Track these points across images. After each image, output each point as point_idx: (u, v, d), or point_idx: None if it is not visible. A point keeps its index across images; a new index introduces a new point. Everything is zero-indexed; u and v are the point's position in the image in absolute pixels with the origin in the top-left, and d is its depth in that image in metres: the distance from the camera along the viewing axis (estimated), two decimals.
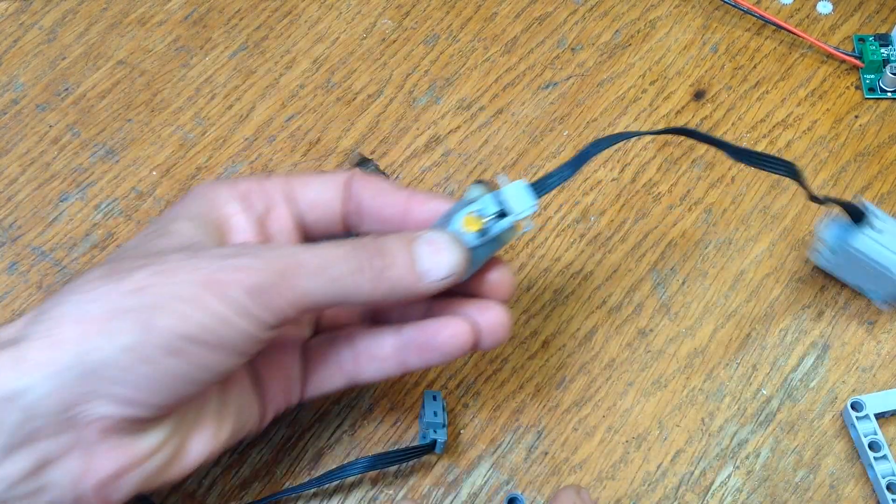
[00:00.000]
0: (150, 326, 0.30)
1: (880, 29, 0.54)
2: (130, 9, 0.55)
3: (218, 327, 0.30)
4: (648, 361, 0.45)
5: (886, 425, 0.43)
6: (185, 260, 0.31)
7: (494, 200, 0.34)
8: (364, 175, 0.37)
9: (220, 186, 0.36)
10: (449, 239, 0.34)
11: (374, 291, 0.32)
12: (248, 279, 0.30)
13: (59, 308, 0.31)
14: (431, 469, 0.42)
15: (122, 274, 0.31)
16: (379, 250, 0.33)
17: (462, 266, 0.34)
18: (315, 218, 0.37)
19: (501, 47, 0.54)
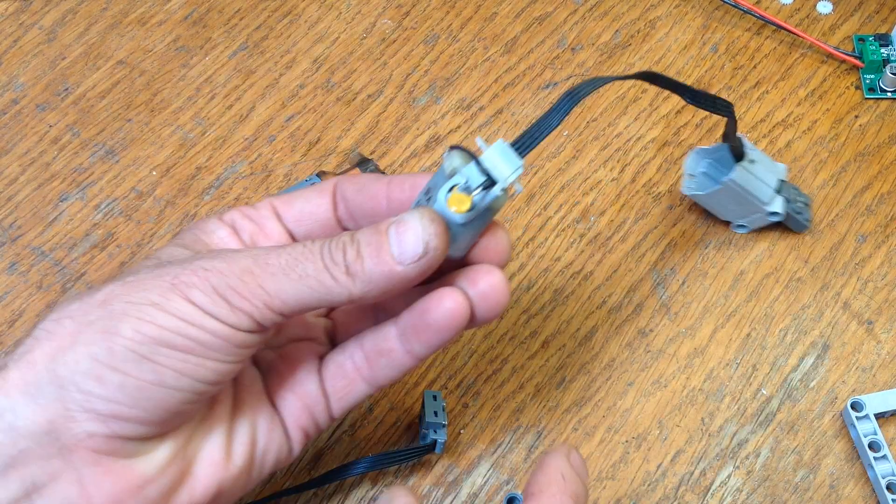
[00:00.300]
0: (115, 334, 0.29)
1: (880, 29, 0.54)
2: (130, 9, 0.55)
3: (185, 328, 0.29)
4: (648, 361, 0.45)
5: (886, 425, 0.43)
6: (152, 270, 0.31)
7: (478, 170, 0.31)
8: (348, 175, 0.36)
9: (207, 219, 0.35)
10: (419, 214, 0.31)
11: (350, 286, 0.31)
12: (212, 279, 0.30)
13: (36, 329, 0.30)
14: (431, 469, 0.42)
15: (93, 291, 0.31)
16: (348, 243, 0.31)
17: (439, 238, 0.31)
18: (307, 230, 0.36)
19: (501, 47, 0.54)
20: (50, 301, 0.46)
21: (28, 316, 0.45)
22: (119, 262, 0.47)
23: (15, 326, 0.45)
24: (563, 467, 0.31)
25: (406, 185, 0.34)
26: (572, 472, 0.31)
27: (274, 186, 0.49)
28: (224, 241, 0.34)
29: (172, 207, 0.49)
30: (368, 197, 0.35)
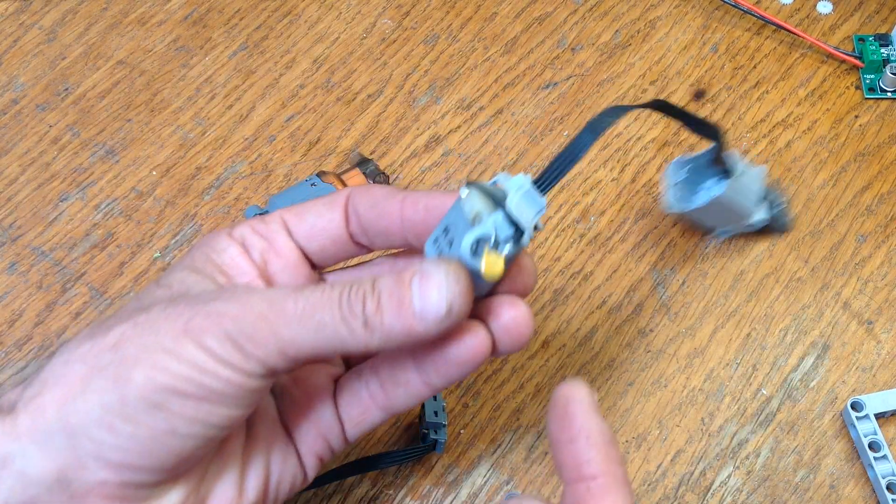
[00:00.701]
0: (127, 381, 0.28)
1: (880, 29, 0.54)
2: (130, 9, 0.55)
3: (198, 377, 0.28)
4: (648, 361, 0.45)
5: (886, 425, 0.43)
6: (165, 309, 0.30)
7: (506, 221, 0.29)
8: (360, 188, 0.34)
9: (217, 235, 0.34)
10: (444, 270, 0.29)
11: (367, 339, 0.29)
12: (226, 325, 0.29)
13: (45, 371, 0.30)
14: (431, 469, 0.42)
15: (103, 330, 0.30)
16: (368, 293, 0.29)
17: (463, 298, 0.29)
18: (319, 246, 0.34)
19: (501, 47, 0.54)
20: (50, 301, 0.46)
21: (28, 316, 0.45)
22: (119, 262, 0.47)
23: (15, 326, 0.45)
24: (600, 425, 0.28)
25: (420, 206, 0.32)
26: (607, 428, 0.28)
27: (274, 186, 0.49)
28: (235, 260, 0.33)
29: (172, 207, 0.49)
30: (382, 214, 0.33)
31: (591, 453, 0.27)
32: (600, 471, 0.27)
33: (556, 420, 0.28)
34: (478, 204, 0.29)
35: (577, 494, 0.27)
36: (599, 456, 0.27)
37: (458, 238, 0.30)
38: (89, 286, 0.46)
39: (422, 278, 0.29)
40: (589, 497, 0.27)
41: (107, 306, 0.46)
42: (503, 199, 0.29)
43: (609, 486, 0.27)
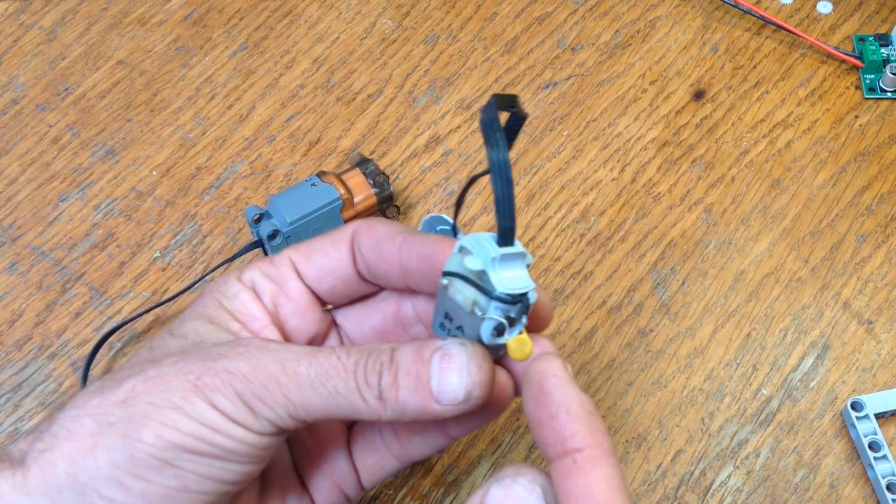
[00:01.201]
0: (136, 439, 0.28)
1: (880, 29, 0.54)
2: (130, 9, 0.55)
3: (208, 434, 0.28)
4: (648, 361, 0.45)
5: (886, 425, 0.43)
6: (175, 364, 0.29)
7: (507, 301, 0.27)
8: (365, 224, 0.33)
9: (227, 280, 0.34)
10: (467, 355, 0.28)
11: (380, 411, 0.29)
12: (236, 384, 0.28)
13: (56, 425, 0.29)
14: (431, 469, 0.42)
15: (114, 385, 0.29)
16: (385, 365, 0.29)
17: (483, 388, 0.28)
18: (329, 286, 0.34)
19: (501, 47, 0.54)
20: (50, 301, 0.46)
21: (28, 316, 0.45)
22: (119, 262, 0.47)
23: (15, 326, 0.45)
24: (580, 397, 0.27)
25: (413, 253, 0.31)
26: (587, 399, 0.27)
27: (274, 187, 0.49)
28: (247, 306, 0.33)
29: (172, 207, 0.49)
30: (381, 257, 0.32)
31: (575, 427, 0.26)
32: (585, 443, 0.26)
33: (534, 398, 0.27)
34: (468, 293, 0.28)
35: (564, 468, 0.26)
36: (583, 428, 0.26)
37: (469, 327, 0.29)
38: (89, 286, 0.46)
39: (443, 358, 0.28)
40: (576, 469, 0.26)
41: (107, 306, 0.46)
42: (488, 281, 0.27)
43: (596, 458, 0.26)
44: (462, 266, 0.28)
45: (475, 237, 0.28)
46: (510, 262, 0.27)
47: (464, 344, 0.29)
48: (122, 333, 0.45)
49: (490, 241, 0.27)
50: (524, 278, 0.28)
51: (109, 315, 0.45)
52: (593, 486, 0.26)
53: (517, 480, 0.27)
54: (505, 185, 0.27)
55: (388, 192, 0.47)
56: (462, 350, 0.28)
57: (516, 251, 0.27)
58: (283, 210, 0.44)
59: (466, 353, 0.28)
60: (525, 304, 0.28)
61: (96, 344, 0.44)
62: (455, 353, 0.28)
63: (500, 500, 0.26)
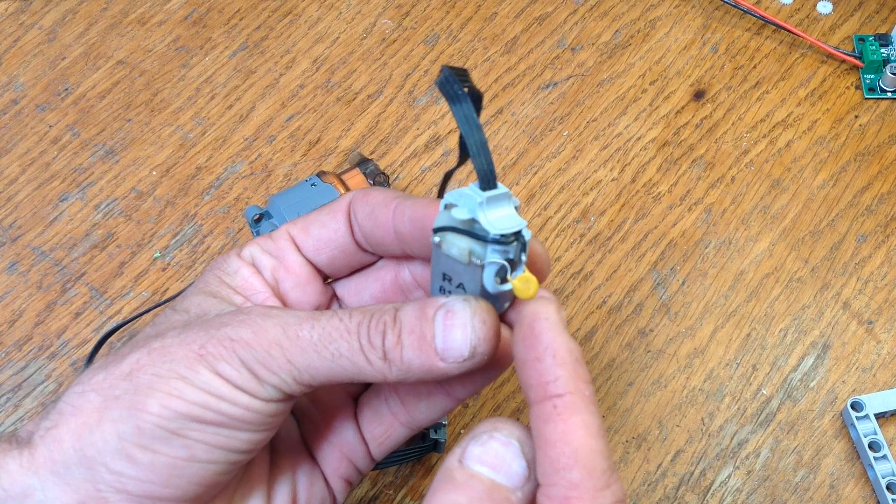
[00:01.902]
0: (142, 410, 0.28)
1: (880, 29, 0.54)
2: (130, 9, 0.55)
3: (214, 403, 0.28)
4: (648, 361, 0.45)
5: (886, 425, 0.43)
6: (179, 335, 0.29)
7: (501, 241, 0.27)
8: (360, 194, 0.33)
9: (227, 257, 0.34)
10: (471, 310, 0.28)
11: (385, 371, 0.28)
12: (240, 351, 0.28)
13: (61, 402, 0.29)
14: (431, 469, 0.42)
15: (118, 359, 0.29)
16: (389, 325, 0.28)
17: (488, 343, 0.28)
18: (328, 258, 0.33)
19: (501, 47, 0.54)
20: (50, 301, 0.46)
21: (28, 316, 0.45)
22: (119, 262, 0.47)
23: (15, 326, 0.45)
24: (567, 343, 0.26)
25: (405, 217, 0.31)
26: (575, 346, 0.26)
27: (274, 186, 0.49)
28: (248, 280, 0.33)
29: (172, 207, 0.49)
30: (377, 224, 0.32)
31: (558, 371, 0.26)
32: (567, 389, 0.26)
33: (522, 339, 0.27)
34: (461, 244, 0.27)
35: (544, 413, 0.26)
36: (567, 374, 0.26)
37: (470, 281, 0.28)
38: (89, 286, 0.46)
39: (447, 315, 0.28)
40: (556, 415, 0.26)
41: (107, 306, 0.46)
42: (479, 226, 0.27)
43: (576, 405, 0.26)
44: (451, 219, 0.27)
45: (458, 191, 0.27)
46: (497, 203, 0.27)
47: (467, 300, 0.28)
48: (122, 333, 0.45)
49: (474, 189, 0.27)
50: (514, 217, 0.27)
51: (109, 315, 0.45)
52: (571, 433, 0.25)
53: (493, 435, 0.27)
54: (474, 130, 0.26)
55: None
56: (465, 305, 0.28)
57: (501, 192, 0.27)
58: (283, 210, 0.44)
59: (470, 308, 0.28)
60: (522, 242, 0.27)
61: (96, 344, 0.44)
62: (458, 308, 0.28)
63: (478, 456, 0.26)
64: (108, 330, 0.44)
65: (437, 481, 0.26)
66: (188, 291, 0.33)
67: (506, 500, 0.26)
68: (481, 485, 0.26)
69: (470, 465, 0.26)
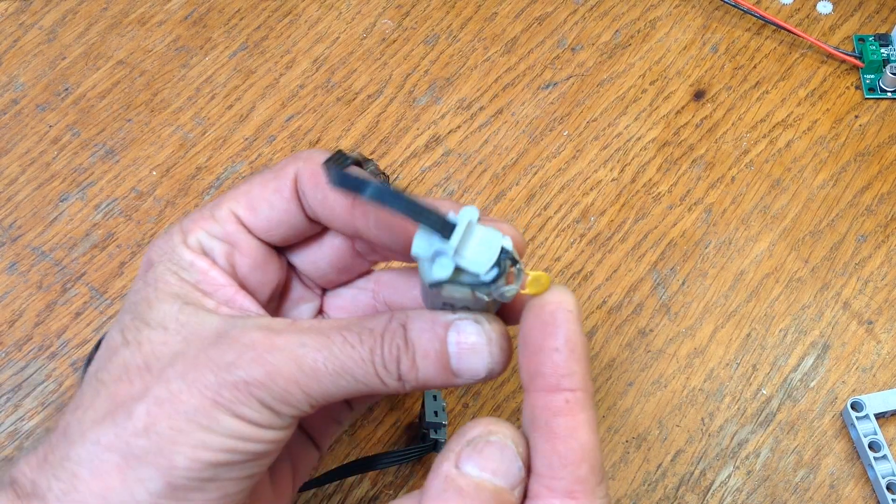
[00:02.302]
0: (171, 467, 0.28)
1: (880, 29, 0.54)
2: (130, 9, 0.55)
3: (240, 446, 0.28)
4: (648, 361, 0.45)
5: (886, 425, 0.43)
6: (184, 377, 0.28)
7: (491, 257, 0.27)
8: (308, 170, 0.31)
9: (173, 246, 0.31)
10: (487, 337, 0.28)
11: (398, 390, 0.29)
12: (257, 393, 0.28)
13: (72, 461, 0.28)
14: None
15: (124, 410, 0.28)
16: (402, 350, 0.28)
17: (502, 365, 0.29)
18: (282, 237, 0.33)
19: (501, 47, 0.54)
20: (50, 301, 0.46)
21: (28, 316, 0.45)
22: (119, 262, 0.47)
23: (15, 326, 0.45)
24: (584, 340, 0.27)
25: (370, 222, 0.30)
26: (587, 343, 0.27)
27: None
28: (207, 275, 0.31)
29: (172, 207, 0.49)
30: (333, 216, 0.31)
31: (575, 367, 0.26)
32: (579, 385, 0.26)
33: (541, 325, 0.27)
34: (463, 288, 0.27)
35: (553, 406, 0.26)
36: (582, 371, 0.27)
37: (477, 306, 0.28)
38: (89, 286, 0.46)
39: (460, 337, 0.28)
40: (567, 410, 0.26)
41: (107, 306, 0.46)
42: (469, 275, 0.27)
43: (586, 402, 0.27)
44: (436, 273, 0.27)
45: (419, 242, 0.27)
46: (467, 238, 0.26)
47: (479, 322, 0.28)
48: None
49: (439, 241, 0.26)
50: (489, 239, 0.26)
51: (109, 315, 0.45)
52: (580, 429, 0.26)
53: (490, 440, 0.27)
54: (398, 200, 0.26)
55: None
56: (479, 330, 0.28)
57: (461, 228, 0.26)
58: None
59: (486, 335, 0.28)
60: (510, 256, 0.26)
61: (96, 344, 0.44)
62: (472, 331, 0.28)
63: (479, 463, 0.26)
64: (108, 330, 0.44)
65: (437, 490, 0.26)
66: (149, 294, 0.31)
67: (507, 501, 0.26)
68: (487, 492, 0.26)
69: (472, 473, 0.26)
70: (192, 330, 0.30)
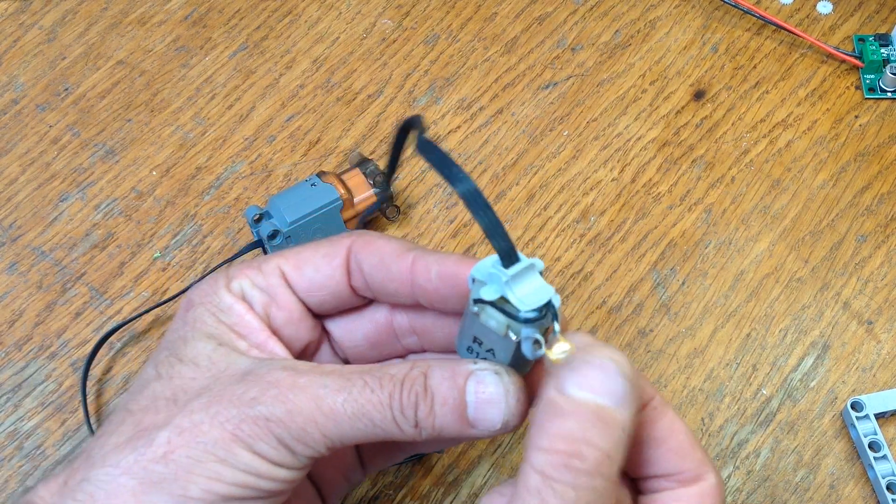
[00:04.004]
0: (185, 496, 0.28)
1: (880, 29, 0.54)
2: (130, 9, 0.55)
3: (254, 482, 0.29)
4: (648, 361, 0.45)
5: (886, 425, 0.43)
6: (207, 409, 0.29)
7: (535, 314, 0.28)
8: (363, 240, 0.33)
9: (216, 290, 0.33)
10: (504, 388, 0.29)
11: (415, 436, 0.29)
12: (275, 430, 0.29)
13: (90, 483, 0.29)
14: (431, 469, 0.42)
15: (146, 437, 0.29)
16: (420, 396, 0.29)
17: (519, 417, 0.29)
18: (319, 300, 0.33)
19: (501, 47, 0.54)
20: (50, 301, 0.46)
21: (28, 316, 0.45)
22: (119, 261, 0.47)
23: (15, 326, 0.45)
24: None
25: (432, 274, 0.31)
26: None
27: (274, 186, 0.49)
28: (244, 318, 0.32)
29: (172, 207, 0.49)
30: (390, 277, 0.32)
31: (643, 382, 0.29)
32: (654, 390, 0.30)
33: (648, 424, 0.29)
34: (500, 318, 0.28)
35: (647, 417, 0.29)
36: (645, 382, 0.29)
37: (501, 350, 0.29)
38: (89, 286, 0.46)
39: (479, 387, 0.29)
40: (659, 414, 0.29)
41: (107, 306, 0.46)
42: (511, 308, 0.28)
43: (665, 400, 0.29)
44: (487, 293, 0.28)
45: (483, 265, 0.28)
46: (523, 277, 0.28)
47: (499, 373, 0.29)
48: (122, 333, 0.45)
49: (497, 266, 0.27)
50: (542, 288, 0.28)
51: (109, 315, 0.45)
52: (677, 421, 0.29)
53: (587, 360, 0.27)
54: (485, 211, 0.27)
55: (388, 192, 0.46)
56: (498, 380, 0.29)
57: (524, 265, 0.27)
58: (283, 210, 0.44)
59: (504, 386, 0.29)
60: (553, 311, 0.28)
61: (96, 344, 0.44)
62: (490, 381, 0.29)
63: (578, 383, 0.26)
64: (108, 330, 0.44)
65: (540, 414, 0.26)
66: (186, 333, 0.32)
67: (612, 419, 0.26)
68: (588, 409, 0.26)
69: (572, 393, 0.26)
70: (221, 368, 0.31)
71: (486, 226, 0.27)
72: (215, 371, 0.31)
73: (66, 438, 0.42)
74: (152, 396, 0.30)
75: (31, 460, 0.42)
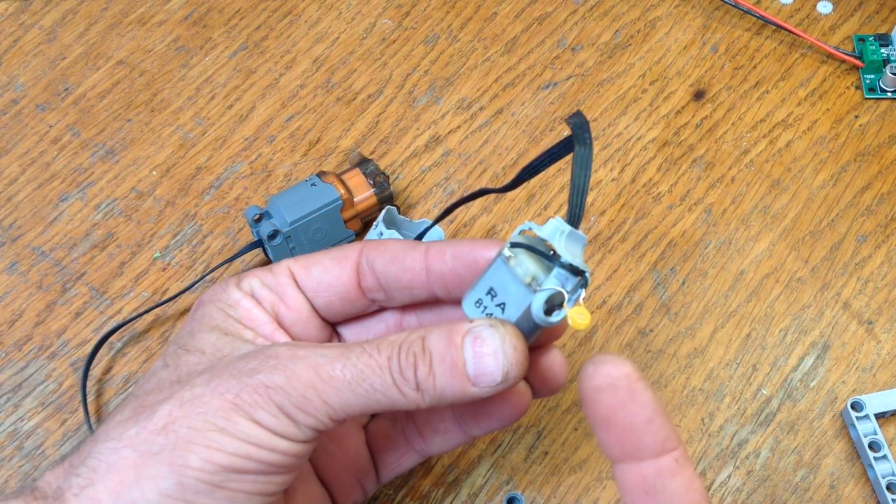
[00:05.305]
0: (184, 466, 0.28)
1: (880, 29, 0.54)
2: (130, 9, 0.55)
3: (255, 452, 0.28)
4: (648, 361, 0.45)
5: (886, 425, 0.43)
6: (208, 383, 0.29)
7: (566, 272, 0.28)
8: (375, 243, 0.33)
9: (226, 288, 0.33)
10: (500, 336, 0.29)
11: (418, 401, 0.29)
12: (276, 398, 0.28)
13: (93, 458, 0.29)
14: (431, 469, 0.42)
15: (148, 411, 0.29)
16: (419, 356, 0.29)
17: (520, 367, 0.29)
18: (326, 301, 0.34)
19: (501, 47, 0.54)
20: (50, 301, 0.46)
21: (28, 316, 0.45)
22: (119, 261, 0.47)
23: (15, 326, 0.45)
24: None
25: (447, 256, 0.32)
26: None
27: (274, 186, 0.49)
28: (251, 312, 0.33)
29: (172, 207, 0.49)
30: (404, 269, 0.32)
31: (669, 427, 0.28)
32: (678, 442, 0.28)
33: (622, 405, 0.28)
34: (530, 266, 0.28)
35: (667, 469, 0.28)
36: (672, 427, 0.28)
37: (513, 304, 0.29)
38: (89, 286, 0.46)
39: (475, 342, 0.29)
40: (679, 468, 0.28)
41: (107, 306, 0.46)
42: (552, 252, 0.28)
43: (685, 455, 0.28)
44: (528, 240, 0.29)
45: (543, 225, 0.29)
46: (574, 241, 0.29)
47: (494, 325, 0.29)
48: (122, 333, 0.45)
49: (560, 221, 0.29)
50: (581, 258, 0.29)
51: (109, 315, 0.46)
52: (695, 479, 0.28)
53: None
54: (586, 174, 0.29)
55: (388, 192, 0.47)
56: (494, 332, 0.29)
57: (582, 235, 0.29)
58: (283, 210, 0.44)
59: (499, 335, 0.29)
60: (584, 280, 0.28)
61: (96, 344, 0.44)
62: (487, 335, 0.29)
63: None
64: (108, 330, 0.44)
65: None
66: (193, 328, 0.32)
67: None
68: None
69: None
70: (225, 353, 0.31)
71: (579, 185, 0.29)
72: (219, 356, 0.31)
73: (66, 438, 0.42)
74: (157, 382, 0.31)
75: (31, 460, 0.42)
